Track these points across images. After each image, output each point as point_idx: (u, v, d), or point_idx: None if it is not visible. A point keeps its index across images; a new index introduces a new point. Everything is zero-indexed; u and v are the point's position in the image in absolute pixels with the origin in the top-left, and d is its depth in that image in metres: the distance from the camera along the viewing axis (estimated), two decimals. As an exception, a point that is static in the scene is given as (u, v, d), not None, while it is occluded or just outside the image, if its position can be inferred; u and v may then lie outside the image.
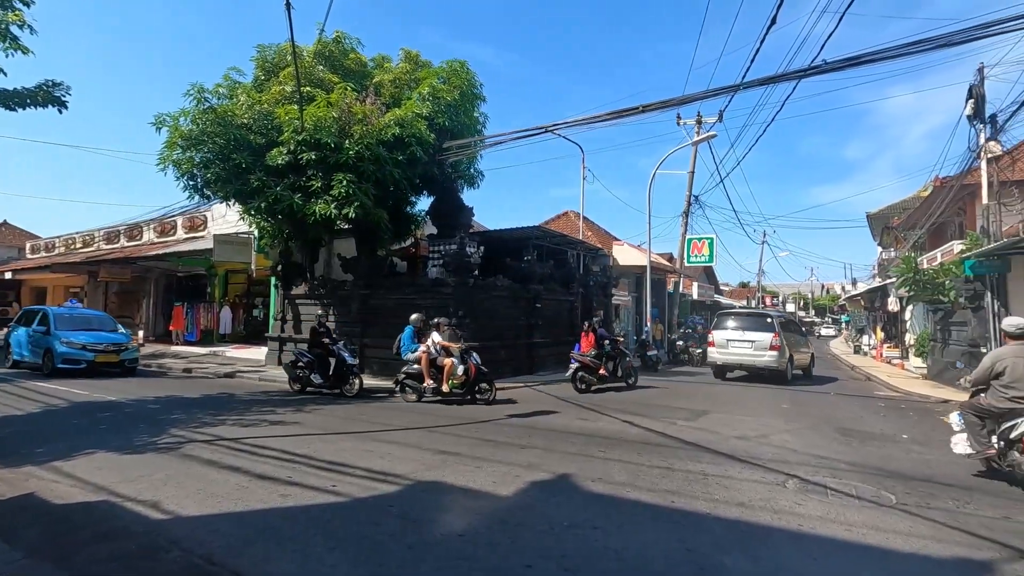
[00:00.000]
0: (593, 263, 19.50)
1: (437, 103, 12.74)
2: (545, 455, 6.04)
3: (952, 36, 7.94)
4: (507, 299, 14.24)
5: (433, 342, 10.06)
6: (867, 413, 9.63)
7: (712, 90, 10.53)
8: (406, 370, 10.18)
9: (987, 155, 12.19)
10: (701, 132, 20.97)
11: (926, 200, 18.00)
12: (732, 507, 4.43)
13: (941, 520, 4.23)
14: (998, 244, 11.35)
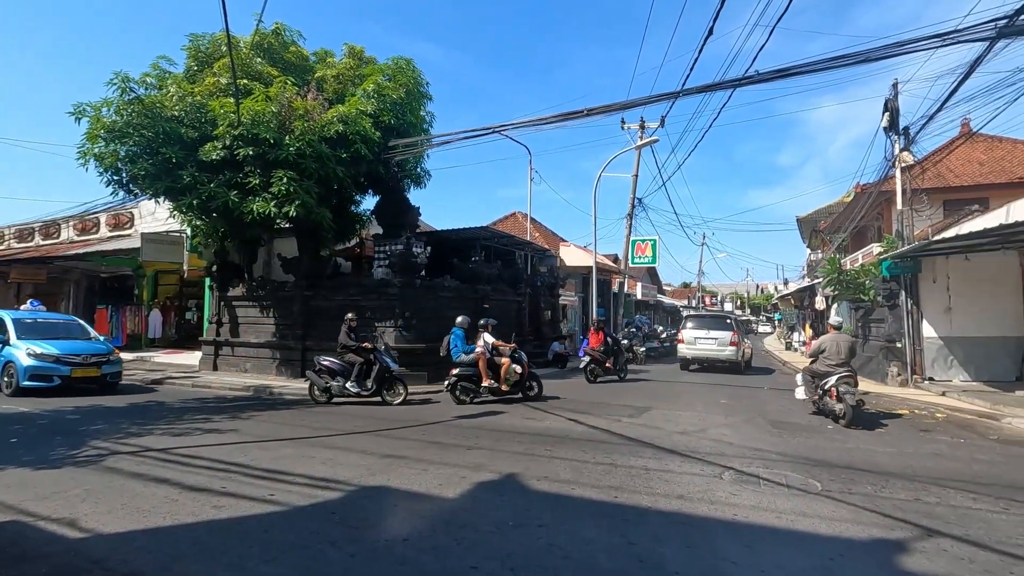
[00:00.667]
0: (540, 264, 19.70)
1: (382, 101, 12.52)
2: (492, 455, 6.04)
3: (870, 52, 8.51)
4: (454, 300, 14.15)
5: (486, 342, 10.33)
6: (796, 405, 10.15)
7: (654, 96, 10.84)
8: (459, 372, 10.12)
9: (901, 164, 13.16)
10: (644, 137, 21.56)
11: (849, 205, 19.26)
12: (672, 500, 4.58)
13: (860, 504, 4.52)
14: (910, 247, 12.28)
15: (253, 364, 14.22)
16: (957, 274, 12.94)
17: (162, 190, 11.99)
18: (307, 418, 8.53)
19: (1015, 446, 7.06)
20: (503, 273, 16.57)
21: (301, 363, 13.25)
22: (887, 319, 14.19)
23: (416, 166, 15.27)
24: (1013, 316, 12.60)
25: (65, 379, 10.54)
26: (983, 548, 3.67)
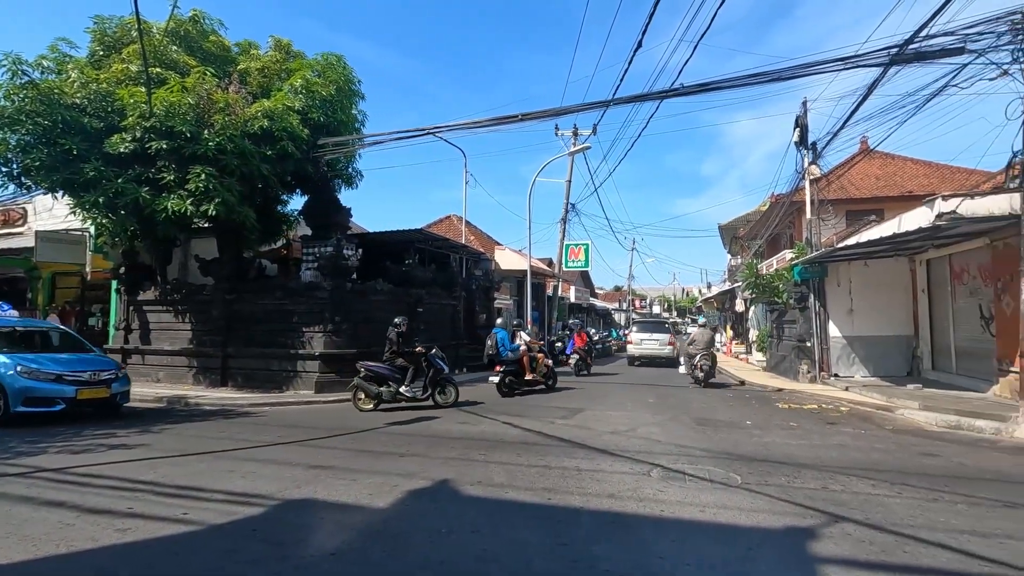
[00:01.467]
0: (476, 267, 19.67)
1: (311, 97, 12.05)
2: (425, 462, 5.93)
3: (782, 72, 9.14)
4: (387, 303, 13.83)
5: (523, 341, 12.57)
6: (719, 403, 10.72)
7: (586, 104, 11.12)
8: (507, 368, 11.69)
9: (810, 177, 14.21)
10: (577, 143, 22.07)
11: (765, 214, 20.57)
12: (603, 499, 4.67)
13: (776, 495, 4.80)
14: (818, 253, 13.27)
15: (166, 373, 13.25)
16: (858, 279, 14.11)
17: (61, 184, 10.93)
18: (227, 429, 8.04)
19: (906, 435, 7.76)
20: (438, 276, 16.39)
21: (221, 371, 12.50)
22: (798, 320, 15.24)
23: (347, 166, 14.84)
24: (904, 317, 13.89)
25: (70, 402, 8.40)
26: (881, 531, 3.99)
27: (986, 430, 7.93)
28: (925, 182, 18.87)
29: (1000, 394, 9.79)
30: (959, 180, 17.56)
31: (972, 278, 11.40)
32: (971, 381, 11.16)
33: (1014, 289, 8.66)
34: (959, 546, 3.72)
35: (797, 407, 10.29)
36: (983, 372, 10.77)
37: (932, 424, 8.52)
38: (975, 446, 7.10)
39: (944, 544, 3.74)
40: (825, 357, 13.96)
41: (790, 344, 15.72)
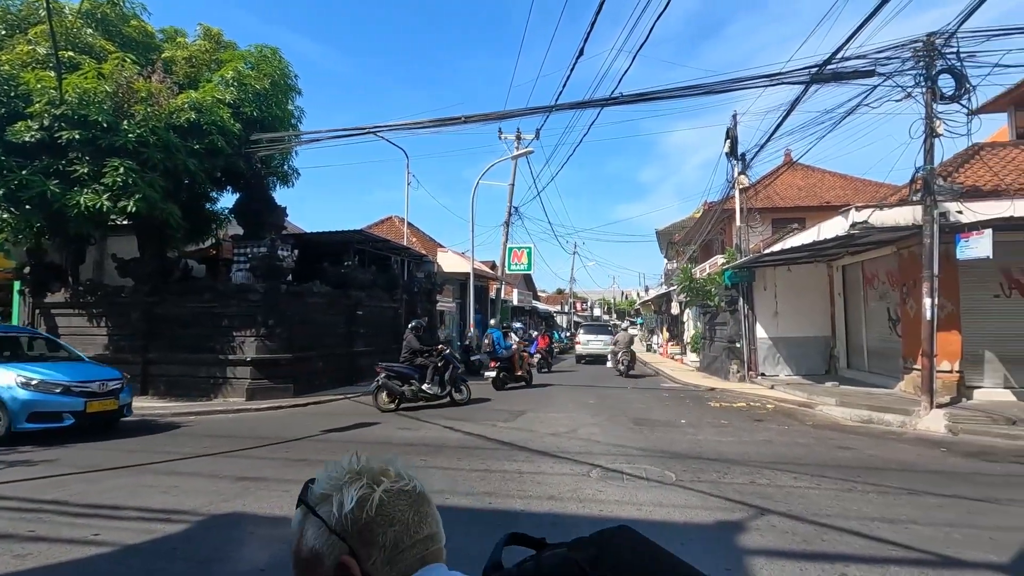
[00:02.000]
0: (418, 269, 19.40)
1: (244, 90, 11.52)
2: (363, 470, 5.76)
3: (715, 85, 9.58)
4: (325, 306, 13.41)
5: (515, 340, 14.32)
6: (655, 403, 11.07)
7: (529, 108, 11.22)
8: (501, 365, 13.18)
9: (739, 186, 14.95)
10: (520, 147, 22.23)
11: (698, 221, 21.47)
12: (544, 501, 4.70)
13: (707, 491, 5.00)
14: (746, 259, 13.99)
15: (78, 381, 12.22)
16: (782, 283, 14.97)
17: (-48, 174, 9.90)
18: (147, 441, 7.52)
19: (825, 430, 8.29)
20: (378, 278, 16.04)
21: (142, 378, 11.68)
22: (729, 322, 15.98)
23: (283, 163, 14.28)
24: (823, 319, 14.87)
25: (79, 416, 7.53)
26: (802, 521, 4.23)
27: (893, 424, 8.60)
28: (841, 194, 20.28)
29: (906, 390, 10.65)
30: (871, 192, 18.99)
31: (881, 283, 12.36)
32: (881, 378, 12.08)
33: (917, 294, 9.45)
34: (870, 532, 4.00)
35: (728, 405, 10.78)
36: (891, 370, 11.68)
37: (847, 419, 9.15)
38: (884, 439, 7.67)
39: (857, 531, 4.01)
40: (753, 357, 14.71)
41: (721, 345, 16.46)
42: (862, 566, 3.46)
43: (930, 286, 8.69)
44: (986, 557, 3.58)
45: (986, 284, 10.04)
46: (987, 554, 3.63)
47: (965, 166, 10.37)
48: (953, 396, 9.47)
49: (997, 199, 8.57)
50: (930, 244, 8.59)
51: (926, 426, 8.26)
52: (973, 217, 8.40)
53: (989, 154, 10.78)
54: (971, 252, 8.29)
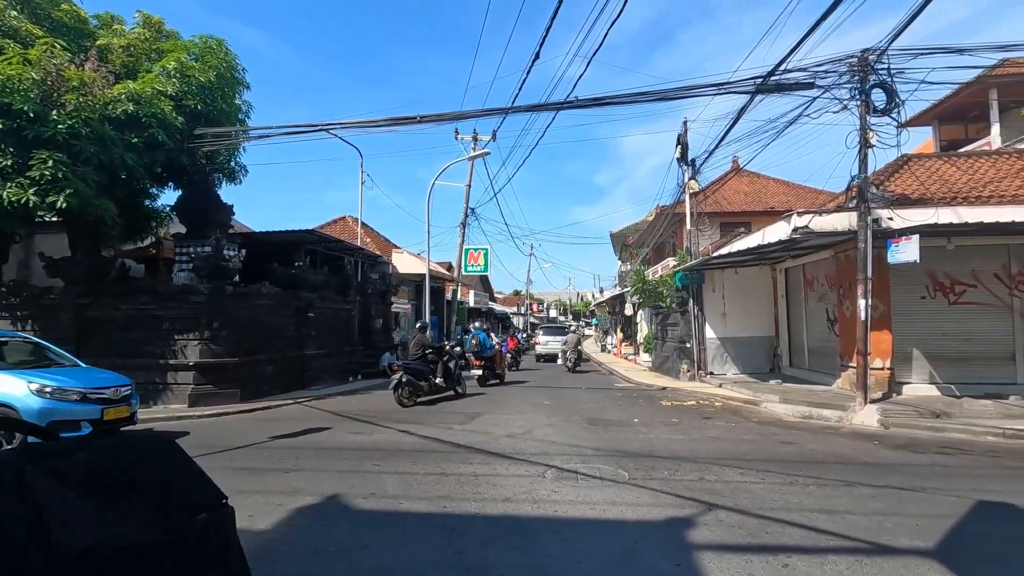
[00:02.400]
0: (372, 270, 19.07)
1: (187, 82, 11.03)
2: (313, 477, 5.60)
3: (667, 92, 9.83)
4: (274, 308, 12.97)
5: (496, 342, 15.79)
6: (609, 403, 11.25)
7: (485, 110, 11.22)
8: (484, 364, 14.38)
9: (689, 191, 15.41)
10: (477, 148, 22.20)
11: (651, 224, 21.99)
12: (499, 503, 4.69)
13: (659, 488, 5.11)
14: (696, 262, 14.43)
15: None
16: (730, 285, 15.52)
17: None
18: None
19: (769, 426, 8.64)
20: (331, 279, 15.67)
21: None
22: (680, 323, 16.44)
23: (230, 159, 13.76)
24: (767, 319, 15.50)
25: (96, 424, 7.17)
26: (748, 515, 4.39)
27: (832, 419, 9.04)
28: (785, 200, 21.22)
29: (842, 387, 11.22)
30: (811, 199, 19.94)
31: (821, 285, 12.99)
32: (821, 376, 12.69)
33: (852, 295, 9.97)
34: (810, 524, 4.18)
35: (679, 404, 11.08)
36: (830, 368, 12.29)
37: (790, 415, 9.56)
38: (823, 433, 8.06)
39: (798, 523, 4.19)
40: (703, 356, 15.18)
41: (673, 345, 16.90)
42: (803, 556, 3.61)
43: (864, 288, 9.19)
44: (914, 543, 3.81)
45: (914, 287, 10.71)
46: (915, 540, 3.86)
47: (895, 175, 11.03)
48: (885, 392, 10.06)
49: (923, 207, 9.16)
50: (864, 248, 9.09)
51: (861, 420, 8.72)
52: (902, 224, 8.95)
53: (916, 165, 11.51)
54: (901, 256, 8.82)
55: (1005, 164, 11.13)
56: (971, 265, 10.60)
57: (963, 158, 12.08)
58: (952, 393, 10.28)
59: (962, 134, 21.13)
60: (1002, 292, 10.59)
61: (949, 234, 9.66)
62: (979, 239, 10.10)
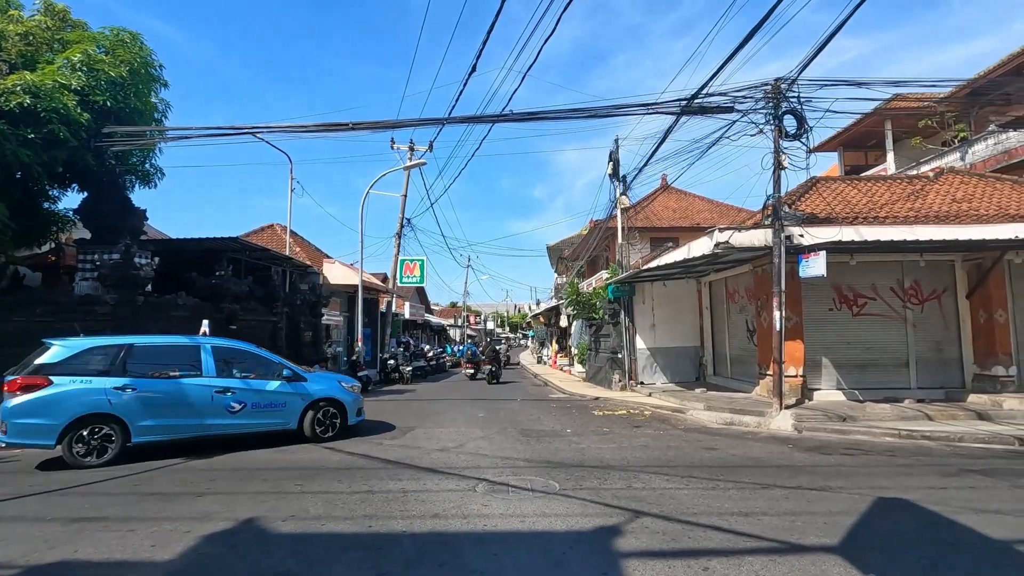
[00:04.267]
0: (302, 281, 18.30)
1: (95, 76, 10.25)
2: (228, 500, 5.24)
3: (598, 110, 10.13)
4: (192, 320, 12.13)
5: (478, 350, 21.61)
6: (543, 414, 11.32)
7: (420, 119, 11.12)
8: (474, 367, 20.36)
9: (620, 206, 15.92)
10: (414, 158, 21.98)
11: (585, 237, 22.54)
12: (427, 520, 4.57)
13: (588, 498, 5.16)
14: (626, 274, 14.88)
15: None
16: (659, 297, 16.11)
17: None
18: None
19: (694, 433, 8.97)
20: (255, 290, 14.90)
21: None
22: (612, 334, 16.86)
23: (145, 161, 12.89)
24: (693, 330, 16.20)
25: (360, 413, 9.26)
26: (672, 520, 4.51)
27: (751, 424, 9.53)
28: (710, 216, 22.38)
29: (760, 394, 11.87)
30: (734, 216, 21.14)
31: (741, 298, 13.74)
32: (742, 384, 13.37)
33: (768, 307, 10.60)
34: (729, 526, 4.35)
35: (610, 413, 11.31)
36: (750, 376, 12.98)
37: (713, 422, 9.99)
38: (743, 438, 8.46)
39: (718, 526, 4.35)
40: (633, 367, 15.62)
41: (605, 356, 17.29)
42: (722, 559, 3.74)
43: (778, 300, 9.80)
44: (821, 541, 4.04)
45: (822, 299, 11.54)
46: (822, 538, 4.09)
47: (805, 196, 11.88)
48: (798, 398, 10.72)
49: (830, 225, 9.90)
50: (778, 263, 9.70)
51: (777, 425, 9.24)
52: (812, 240, 9.63)
53: (824, 186, 12.46)
54: (810, 271, 9.48)
55: (898, 188, 12.25)
56: (871, 279, 11.56)
57: (863, 182, 13.20)
58: (856, 398, 11.12)
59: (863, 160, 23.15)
60: (897, 305, 11.61)
61: (852, 251, 10.49)
62: (877, 256, 11.03)
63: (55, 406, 6.76)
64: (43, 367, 6.94)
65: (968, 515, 4.58)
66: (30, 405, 6.68)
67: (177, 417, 7.46)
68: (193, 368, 7.72)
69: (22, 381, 6.75)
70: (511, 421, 10.25)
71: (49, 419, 6.70)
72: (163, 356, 7.77)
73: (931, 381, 11.39)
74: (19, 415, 6.65)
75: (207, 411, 7.63)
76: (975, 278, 11.19)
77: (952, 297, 11.61)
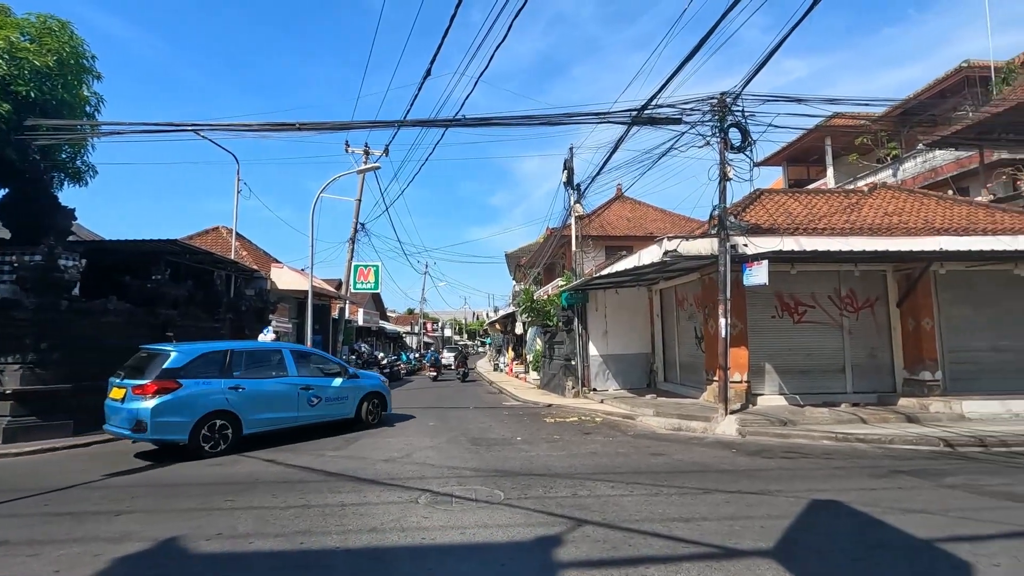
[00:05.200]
0: (248, 286, 17.62)
1: (18, 65, 9.59)
2: (149, 519, 4.90)
3: (550, 117, 10.18)
4: (124, 326, 11.45)
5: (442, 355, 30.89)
6: (495, 422, 11.21)
7: (371, 121, 10.90)
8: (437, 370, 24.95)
9: (575, 214, 16.07)
10: (369, 162, 21.58)
11: (541, 245, 22.64)
12: (363, 535, 4.39)
13: (532, 507, 5.09)
14: (579, 282, 15.00)
15: None
16: (612, 304, 16.31)
17: None
18: None
19: (643, 439, 9.05)
20: (196, 295, 14.21)
21: None
22: (565, 341, 16.94)
23: (75, 157, 12.11)
24: (645, 337, 16.46)
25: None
26: (614, 528, 4.48)
27: (697, 430, 9.69)
28: (662, 226, 22.87)
29: (707, 399, 12.13)
30: (686, 226, 21.68)
31: (690, 305, 14.05)
32: (690, 389, 13.64)
33: (715, 314, 10.85)
34: (669, 533, 4.35)
35: (562, 420, 11.30)
36: (698, 381, 13.26)
37: (662, 428, 10.12)
38: (689, 443, 8.59)
39: (659, 533, 4.35)
40: (586, 373, 15.72)
41: (559, 363, 17.35)
42: (660, 566, 3.72)
43: (724, 308, 10.05)
44: (757, 545, 4.09)
45: (766, 307, 11.92)
46: (758, 542, 4.14)
47: (750, 207, 12.28)
48: (743, 403, 10.99)
49: (772, 235, 10.24)
50: (724, 271, 9.95)
51: (723, 430, 9.43)
52: (755, 250, 9.93)
53: (767, 198, 12.91)
54: (753, 279, 9.77)
55: (836, 201, 12.83)
56: (811, 288, 12.03)
57: (804, 195, 13.76)
58: (797, 402, 11.51)
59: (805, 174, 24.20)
60: (835, 313, 12.12)
61: (792, 260, 10.88)
62: (816, 265, 11.49)
63: (187, 405, 7.76)
64: (170, 371, 7.82)
65: (895, 515, 4.75)
66: (167, 405, 7.60)
67: (277, 411, 8.84)
68: (280, 369, 9.10)
69: (158, 385, 7.63)
70: (462, 430, 10.09)
71: (183, 417, 7.69)
72: (256, 359, 9.02)
73: (866, 385, 11.92)
74: (159, 414, 7.52)
75: (297, 405, 9.09)
76: (905, 288, 11.81)
77: (884, 306, 12.21)
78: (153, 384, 7.63)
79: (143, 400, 7.55)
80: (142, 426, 7.46)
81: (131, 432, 7.56)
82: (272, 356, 9.28)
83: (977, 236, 10.04)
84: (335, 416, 9.79)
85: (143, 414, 7.47)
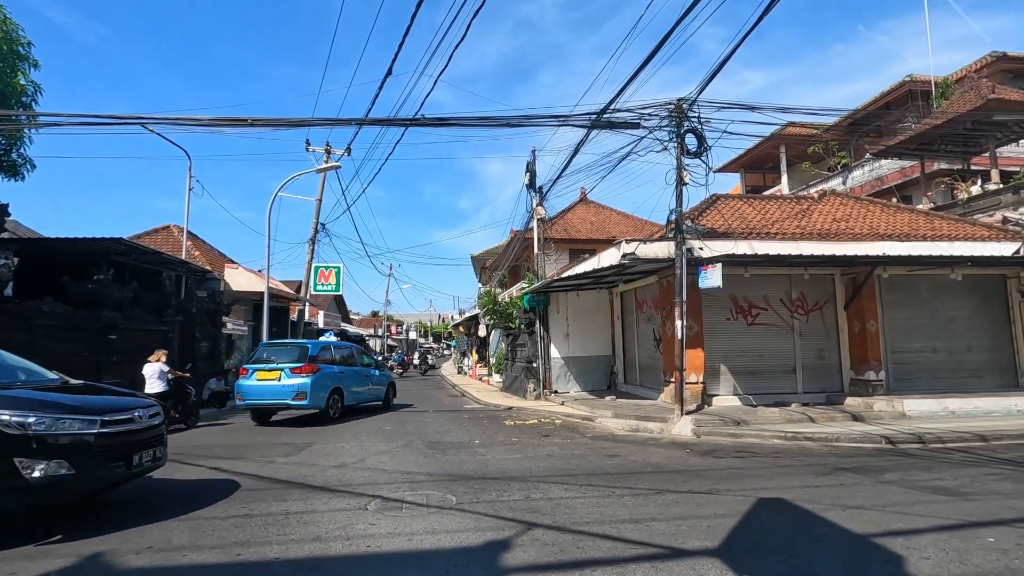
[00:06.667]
0: (199, 287, 16.98)
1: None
2: (74, 532, 4.61)
3: (511, 119, 10.17)
4: (61, 329, 10.89)
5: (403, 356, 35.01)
6: (453, 425, 11.10)
7: (329, 119, 10.66)
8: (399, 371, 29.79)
9: (537, 217, 16.11)
10: (330, 161, 21.15)
11: (505, 247, 22.63)
12: (306, 544, 4.23)
13: (483, 511, 5.02)
14: (540, 284, 15.05)
15: None
16: (573, 307, 16.41)
17: None
18: None
19: (601, 440, 9.10)
20: (143, 297, 13.63)
21: None
22: (528, 344, 16.95)
23: (10, 150, 11.48)
24: (605, 340, 16.62)
25: None
26: (563, 531, 4.45)
27: (654, 431, 9.81)
28: (625, 229, 23.17)
29: (665, 400, 12.31)
30: (648, 230, 21.98)
31: (649, 308, 14.26)
32: (649, 391, 13.83)
33: (672, 316, 11.03)
34: (618, 534, 4.35)
35: (521, 423, 11.27)
36: (656, 383, 13.45)
37: (620, 429, 10.20)
38: (645, 444, 8.67)
39: (608, 535, 4.34)
40: (548, 376, 15.76)
41: (521, 365, 17.34)
42: (607, 568, 3.71)
43: (680, 310, 10.22)
44: (703, 544, 4.13)
45: (721, 309, 12.20)
46: (704, 541, 4.19)
47: (706, 212, 12.55)
48: (699, 404, 11.21)
49: (726, 239, 10.49)
50: (680, 274, 10.13)
51: (678, 431, 9.57)
52: (710, 253, 10.15)
53: (723, 204, 13.23)
54: (708, 282, 9.96)
55: (788, 207, 13.25)
56: (763, 291, 12.37)
57: (758, 200, 14.17)
58: (750, 403, 11.80)
59: (761, 181, 24.94)
60: (786, 315, 12.49)
61: (746, 264, 11.16)
62: (768, 269, 11.82)
63: (324, 382, 11.34)
64: (313, 358, 11.45)
65: (836, 511, 4.88)
66: (317, 382, 11.09)
67: (358, 390, 12.87)
68: (353, 360, 13.16)
69: (311, 367, 11.15)
70: (419, 433, 9.95)
71: (323, 391, 11.28)
72: (342, 352, 13.08)
73: (815, 386, 12.32)
74: (314, 388, 11.01)
75: (366, 386, 13.33)
76: (851, 291, 12.27)
77: (832, 308, 12.66)
78: (308, 366, 11.06)
79: (301, 377, 10.87)
80: (303, 395, 10.78)
81: (292, 401, 10.78)
82: (347, 350, 13.47)
83: (917, 242, 10.52)
84: (377, 398, 13.93)
85: (305, 387, 10.80)
